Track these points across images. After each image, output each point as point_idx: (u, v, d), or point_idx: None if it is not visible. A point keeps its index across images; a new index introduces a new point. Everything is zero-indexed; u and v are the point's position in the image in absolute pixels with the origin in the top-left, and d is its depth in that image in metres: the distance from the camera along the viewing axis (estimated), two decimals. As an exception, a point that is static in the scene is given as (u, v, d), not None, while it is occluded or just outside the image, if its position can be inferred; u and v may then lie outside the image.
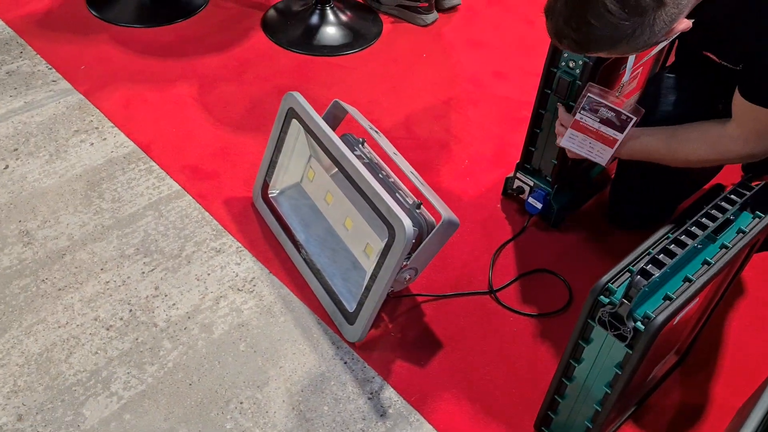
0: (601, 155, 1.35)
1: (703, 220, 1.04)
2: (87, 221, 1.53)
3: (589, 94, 1.30)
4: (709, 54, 1.27)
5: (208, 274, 1.45)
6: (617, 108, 1.28)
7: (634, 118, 1.27)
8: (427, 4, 2.19)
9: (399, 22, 2.24)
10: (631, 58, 1.33)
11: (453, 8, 2.29)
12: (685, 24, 1.03)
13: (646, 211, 1.57)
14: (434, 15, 2.23)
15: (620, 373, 1.01)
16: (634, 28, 0.99)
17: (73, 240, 1.49)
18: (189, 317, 1.37)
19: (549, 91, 1.44)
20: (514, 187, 1.63)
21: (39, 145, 1.70)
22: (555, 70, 1.40)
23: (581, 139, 1.35)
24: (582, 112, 1.32)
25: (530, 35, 2.23)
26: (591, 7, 0.98)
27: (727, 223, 1.08)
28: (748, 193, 1.10)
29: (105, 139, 1.73)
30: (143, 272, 1.44)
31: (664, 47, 1.48)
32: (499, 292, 1.47)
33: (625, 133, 1.30)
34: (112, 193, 1.60)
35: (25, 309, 1.35)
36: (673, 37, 1.07)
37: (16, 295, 1.37)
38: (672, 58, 1.55)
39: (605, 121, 1.30)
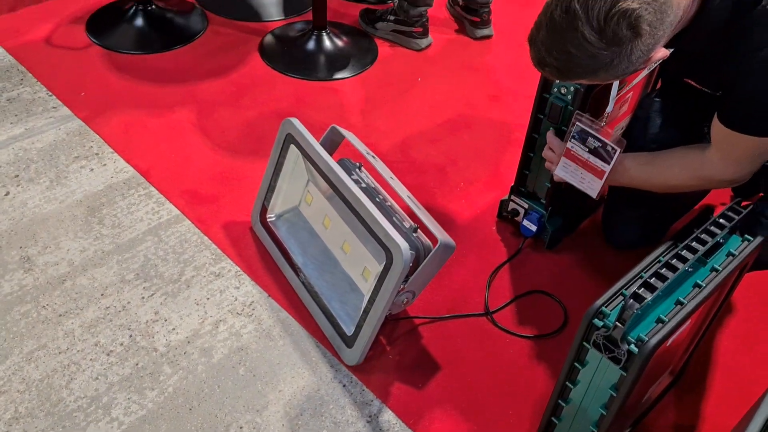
0: (592, 186, 1.38)
1: (694, 243, 1.07)
2: (87, 247, 1.55)
3: (577, 123, 1.33)
4: (689, 81, 1.30)
5: (208, 299, 1.47)
6: (603, 139, 1.31)
7: (618, 150, 1.31)
8: (421, 30, 2.23)
9: (394, 47, 2.28)
10: (614, 90, 1.36)
11: (485, 38, 2.34)
12: (662, 53, 1.07)
13: (639, 232, 1.59)
14: (428, 40, 2.27)
15: (615, 394, 1.03)
16: (612, 57, 1.02)
17: (74, 266, 1.50)
18: (189, 342, 1.38)
19: (542, 116, 1.47)
20: (509, 209, 1.65)
21: (39, 171, 1.72)
22: (547, 95, 1.44)
23: (573, 169, 1.38)
24: (572, 140, 1.35)
25: (523, 59, 2.26)
26: (570, 37, 1.01)
27: (717, 246, 1.10)
28: (736, 216, 1.12)
29: (105, 164, 1.75)
30: (143, 297, 1.46)
31: (652, 71, 1.51)
32: (495, 313, 1.49)
33: (611, 164, 1.32)
34: (112, 218, 1.62)
35: (26, 335, 1.36)
36: (653, 65, 1.11)
37: (17, 322, 1.39)
38: (660, 83, 1.59)
39: (593, 152, 1.33)
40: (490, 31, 2.34)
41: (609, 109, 1.37)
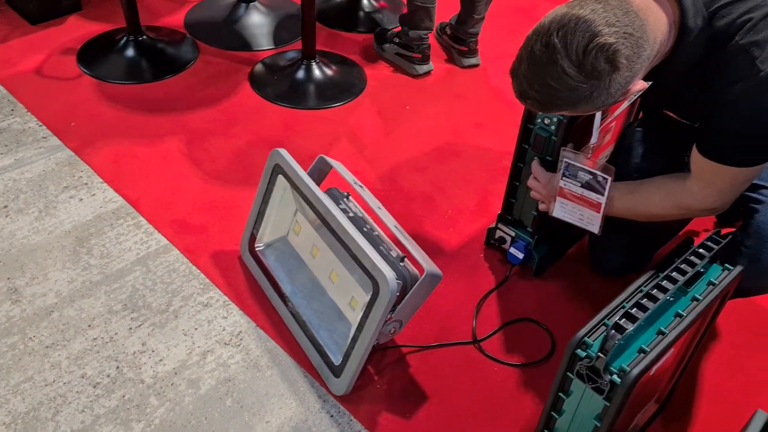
0: (592, 221, 1.39)
1: (674, 273, 1.08)
2: (75, 277, 1.55)
3: (565, 159, 1.34)
4: (668, 113, 1.33)
5: (195, 329, 1.47)
6: (592, 170, 1.33)
7: (609, 178, 1.32)
8: (420, 56, 2.28)
9: (386, 75, 2.31)
10: (597, 121, 1.39)
11: (472, 66, 2.38)
12: (640, 85, 1.09)
13: (624, 259, 1.61)
14: (428, 66, 2.31)
15: (599, 424, 1.04)
16: (592, 90, 1.04)
17: (61, 297, 1.50)
18: (176, 373, 1.38)
19: (526, 146, 1.50)
20: (496, 237, 1.67)
21: (28, 201, 1.72)
22: (531, 126, 1.46)
23: (571, 207, 1.40)
24: (564, 178, 1.36)
25: (509, 88, 2.29)
26: (550, 70, 1.04)
27: (698, 275, 1.12)
28: (716, 246, 1.14)
29: (94, 194, 1.76)
30: (130, 328, 1.46)
31: (634, 102, 1.54)
32: (483, 341, 1.50)
33: (606, 194, 1.34)
34: (101, 248, 1.62)
35: (12, 367, 1.36)
36: (632, 97, 1.13)
37: (3, 354, 1.38)
38: (642, 114, 1.62)
39: (586, 185, 1.35)
40: (477, 61, 2.37)
41: (593, 140, 1.39)
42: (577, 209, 1.39)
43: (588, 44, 1.00)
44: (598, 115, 1.38)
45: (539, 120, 1.44)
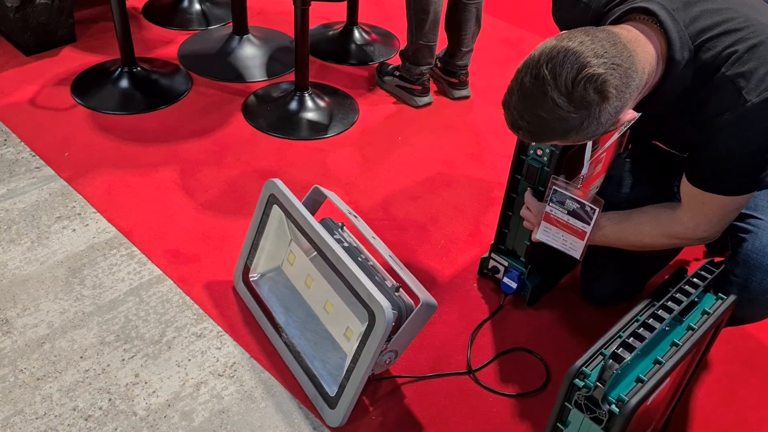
0: (574, 247, 1.41)
1: (669, 303, 1.09)
2: (67, 308, 1.53)
3: (554, 186, 1.37)
4: (657, 143, 1.35)
5: (189, 360, 1.46)
6: (581, 200, 1.35)
7: (597, 209, 1.34)
8: (420, 88, 2.32)
9: (384, 105, 2.34)
10: (588, 153, 1.41)
11: (463, 98, 2.42)
12: (631, 115, 1.11)
13: (616, 288, 1.62)
14: (428, 98, 2.35)
15: (598, 455, 1.04)
16: (582, 120, 1.06)
17: (53, 328, 1.49)
18: (169, 405, 1.36)
19: (519, 177, 1.52)
20: (489, 267, 1.68)
21: (21, 232, 1.71)
22: (524, 157, 1.48)
23: (555, 232, 1.41)
24: (551, 204, 1.38)
25: (501, 119, 2.32)
26: (541, 102, 1.06)
27: (692, 305, 1.13)
28: (710, 275, 1.15)
29: (87, 225, 1.75)
30: (123, 359, 1.44)
31: (624, 134, 1.57)
32: (477, 372, 1.49)
33: (592, 223, 1.36)
34: (93, 279, 1.61)
35: (2, 400, 1.34)
36: (623, 127, 1.15)
37: (-7, 386, 1.36)
38: (631, 144, 1.65)
39: (572, 213, 1.37)
40: (468, 92, 2.41)
41: (584, 171, 1.41)
42: (561, 234, 1.41)
43: (577, 75, 1.02)
44: (589, 145, 1.40)
45: (532, 151, 1.46)
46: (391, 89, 2.40)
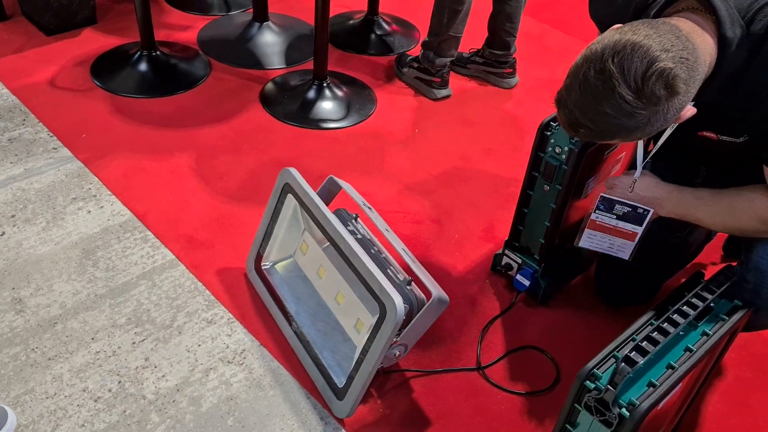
0: (623, 250, 1.39)
1: (685, 308, 1.08)
2: (80, 289, 1.54)
3: (602, 194, 1.34)
4: (705, 134, 1.30)
5: (199, 345, 1.46)
6: (632, 203, 1.33)
7: (651, 210, 1.32)
8: (440, 80, 2.30)
9: (402, 96, 2.32)
10: (640, 153, 1.36)
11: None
12: (691, 111, 1.07)
13: (631, 290, 1.60)
14: (447, 91, 2.34)
15: (606, 458, 1.03)
16: (649, 116, 1.02)
17: (66, 308, 1.50)
18: (178, 389, 1.37)
19: (536, 174, 1.50)
20: (503, 264, 1.67)
21: (36, 212, 1.72)
22: (542, 154, 1.46)
23: (600, 237, 1.40)
24: (597, 212, 1.36)
25: (518, 115, 2.31)
26: (607, 97, 1.01)
27: (708, 310, 1.11)
28: (727, 281, 1.14)
29: (102, 207, 1.76)
30: (134, 342, 1.45)
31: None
32: (487, 368, 1.49)
33: (644, 225, 1.34)
34: (107, 261, 1.62)
35: (13, 378, 1.35)
36: (678, 123, 1.12)
37: (5, 364, 1.37)
38: (652, 144, 1.62)
39: (622, 217, 1.35)
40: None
41: (637, 174, 1.37)
42: (608, 239, 1.39)
43: (647, 70, 0.98)
44: (640, 147, 1.37)
45: (550, 149, 1.45)
46: (409, 81, 2.39)
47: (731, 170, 1.34)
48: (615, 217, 1.35)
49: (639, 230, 1.34)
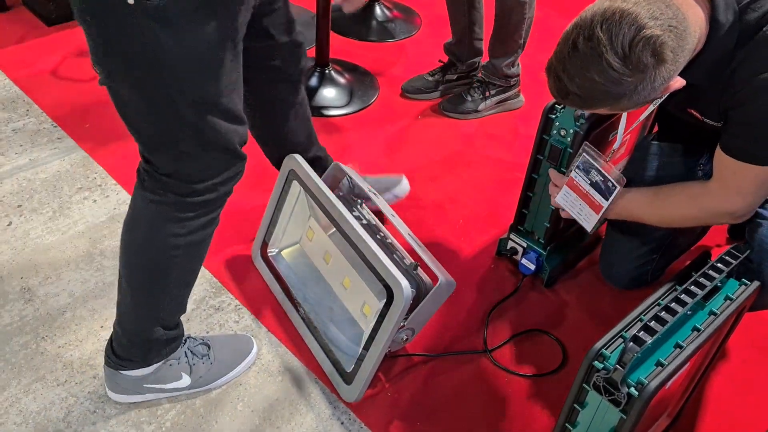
0: (588, 220, 1.40)
1: (692, 287, 1.08)
2: (88, 278, 1.55)
3: (584, 153, 1.34)
4: (692, 111, 1.31)
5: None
6: (605, 173, 1.33)
7: (618, 187, 1.32)
8: (518, 86, 2.22)
9: (400, 83, 2.32)
10: (621, 127, 1.39)
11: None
12: (679, 82, 1.08)
13: (636, 272, 1.60)
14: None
15: (615, 437, 1.03)
16: (636, 84, 1.03)
17: (74, 297, 1.50)
18: (187, 376, 1.38)
19: (541, 157, 1.50)
20: (508, 248, 1.67)
21: (43, 202, 1.73)
22: (547, 137, 1.46)
23: (573, 199, 1.40)
24: (576, 170, 1.36)
25: (524, 98, 2.31)
26: (595, 64, 1.02)
27: (715, 290, 1.12)
28: (734, 261, 1.14)
29: (108, 196, 1.77)
30: (143, 330, 1.45)
31: (650, 114, 1.55)
32: (494, 351, 1.49)
33: (610, 200, 1.34)
34: (114, 250, 1.62)
35: (24, 367, 1.36)
36: (667, 94, 1.12)
37: (15, 353, 1.38)
38: (656, 128, 1.63)
39: (594, 185, 1.35)
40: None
41: (617, 143, 1.39)
42: (579, 203, 1.39)
43: (634, 37, 0.99)
44: (624, 117, 1.37)
45: (555, 131, 1.44)
46: (493, 109, 2.21)
47: None
48: (589, 183, 1.35)
49: (604, 204, 1.34)
